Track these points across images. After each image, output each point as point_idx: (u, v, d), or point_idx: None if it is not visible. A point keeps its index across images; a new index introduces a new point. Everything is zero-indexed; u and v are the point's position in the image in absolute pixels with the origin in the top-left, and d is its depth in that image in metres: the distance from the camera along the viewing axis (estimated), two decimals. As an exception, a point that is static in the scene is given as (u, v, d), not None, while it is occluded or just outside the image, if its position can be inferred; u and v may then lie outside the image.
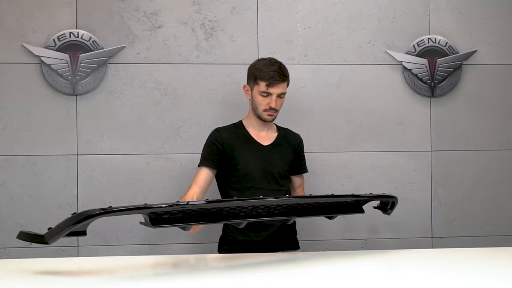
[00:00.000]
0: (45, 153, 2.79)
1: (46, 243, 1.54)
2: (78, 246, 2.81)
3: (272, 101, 2.32)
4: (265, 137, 2.44)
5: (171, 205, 1.63)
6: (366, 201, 2.07)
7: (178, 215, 1.69)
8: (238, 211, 1.81)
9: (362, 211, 2.07)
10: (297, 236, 2.55)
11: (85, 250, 2.81)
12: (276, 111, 2.36)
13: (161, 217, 1.66)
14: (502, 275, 1.72)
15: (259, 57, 2.80)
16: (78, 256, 2.79)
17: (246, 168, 2.37)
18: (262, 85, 2.32)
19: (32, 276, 1.72)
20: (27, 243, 2.77)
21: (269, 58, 2.41)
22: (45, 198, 2.79)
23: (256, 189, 2.36)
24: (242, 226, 1.89)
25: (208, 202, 1.73)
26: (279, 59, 2.82)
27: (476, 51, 2.97)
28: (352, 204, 2.03)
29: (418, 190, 2.97)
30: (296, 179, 2.54)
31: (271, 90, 2.31)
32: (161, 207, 1.62)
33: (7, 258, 2.73)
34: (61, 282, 1.65)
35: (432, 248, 2.94)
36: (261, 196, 1.87)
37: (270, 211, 1.86)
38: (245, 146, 2.41)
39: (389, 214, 2.19)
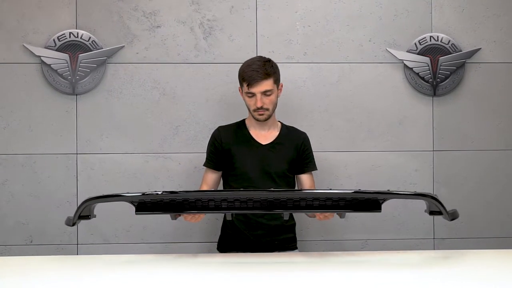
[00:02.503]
0: (45, 152, 2.82)
1: (71, 225, 1.86)
2: (77, 244, 2.84)
3: (257, 100, 2.30)
4: (265, 136, 2.43)
5: (143, 194, 1.78)
6: (374, 199, 1.78)
7: (160, 203, 1.79)
8: (220, 203, 1.82)
9: (379, 209, 1.78)
10: (297, 236, 2.53)
11: (84, 248, 2.83)
12: (267, 109, 2.33)
13: (145, 205, 1.80)
14: (507, 278, 1.67)
15: (258, 56, 2.79)
16: (77, 254, 2.81)
17: (242, 167, 2.38)
18: (245, 86, 2.33)
19: (32, 273, 1.75)
20: (28, 241, 2.82)
21: (254, 57, 2.41)
22: (45, 197, 2.82)
23: (253, 188, 2.35)
24: (229, 218, 1.89)
25: (182, 192, 1.81)
26: (278, 58, 2.84)
27: (480, 49, 2.91)
28: (368, 201, 1.79)
29: (420, 191, 2.90)
30: (304, 179, 2.47)
31: (253, 89, 2.30)
32: (130, 195, 1.79)
33: (8, 255, 2.76)
34: (61, 280, 1.68)
35: (434, 249, 2.89)
36: (241, 189, 1.86)
37: (256, 204, 1.83)
38: (243, 145, 2.41)
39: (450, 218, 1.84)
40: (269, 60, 2.37)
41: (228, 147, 2.40)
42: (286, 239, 2.43)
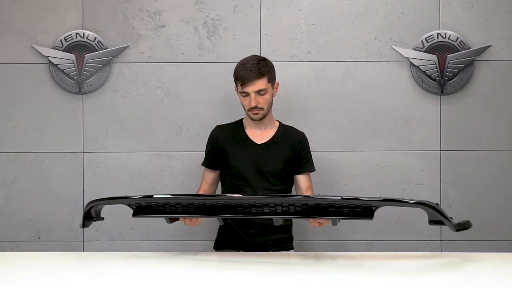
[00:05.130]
0: (52, 151, 2.88)
1: (82, 227, 2.00)
2: (83, 241, 2.89)
3: (252, 100, 2.30)
4: (261, 135, 2.43)
5: (141, 197, 1.86)
6: (370, 206, 1.75)
7: (157, 207, 1.87)
8: (215, 207, 1.84)
9: (371, 216, 1.73)
10: (300, 236, 2.52)
11: (90, 244, 2.88)
12: (261, 109, 2.33)
13: (143, 208, 1.89)
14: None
15: (261, 55, 2.79)
16: (83, 251, 2.87)
17: (237, 166, 2.38)
18: (239, 85, 2.33)
19: (40, 268, 1.82)
20: (36, 237, 2.89)
21: (248, 56, 2.39)
22: (52, 194, 2.88)
23: (247, 187, 2.36)
24: (221, 223, 1.92)
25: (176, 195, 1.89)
26: (281, 57, 2.84)
27: (489, 46, 2.83)
28: (357, 208, 1.75)
29: (427, 192, 2.85)
30: (301, 179, 2.43)
31: (246, 89, 2.30)
32: (133, 198, 1.87)
33: (17, 250, 2.84)
34: (67, 275, 1.74)
35: (441, 251, 2.83)
36: (234, 194, 1.89)
37: (258, 210, 1.84)
38: (238, 145, 2.41)
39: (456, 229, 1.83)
40: (264, 59, 2.37)
41: (224, 146, 2.42)
42: (281, 239, 2.41)
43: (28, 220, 2.88)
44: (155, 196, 1.82)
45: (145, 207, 1.89)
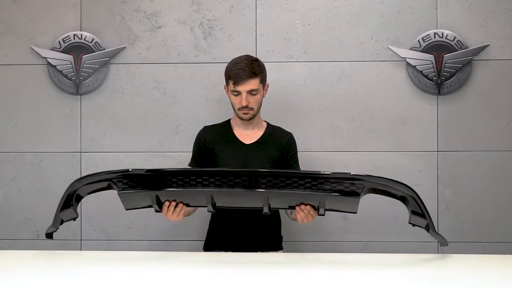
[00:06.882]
0: (51, 151, 2.92)
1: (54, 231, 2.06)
2: (81, 240, 2.93)
3: (243, 99, 2.30)
4: (249, 135, 2.43)
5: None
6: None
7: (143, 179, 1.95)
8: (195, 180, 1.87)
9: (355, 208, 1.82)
10: (294, 236, 2.51)
11: (87, 244, 2.92)
12: (251, 109, 2.33)
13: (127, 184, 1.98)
14: (507, 285, 1.61)
15: (257, 55, 2.80)
16: (81, 250, 2.90)
17: (225, 167, 2.38)
18: (231, 84, 2.32)
19: (38, 267, 1.86)
20: (35, 236, 2.93)
21: (241, 56, 2.40)
22: (51, 193, 2.91)
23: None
24: (210, 210, 1.91)
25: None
26: (277, 57, 2.85)
27: (488, 45, 2.79)
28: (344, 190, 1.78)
29: (424, 192, 2.77)
30: None
31: (239, 88, 2.30)
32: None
33: (16, 249, 2.88)
34: (64, 273, 1.77)
35: (438, 253, 2.80)
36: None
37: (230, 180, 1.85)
38: (226, 145, 2.42)
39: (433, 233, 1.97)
40: (256, 60, 2.37)
41: (211, 146, 2.42)
42: (270, 240, 2.41)
43: (27, 219, 2.92)
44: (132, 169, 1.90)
45: (129, 184, 1.92)
